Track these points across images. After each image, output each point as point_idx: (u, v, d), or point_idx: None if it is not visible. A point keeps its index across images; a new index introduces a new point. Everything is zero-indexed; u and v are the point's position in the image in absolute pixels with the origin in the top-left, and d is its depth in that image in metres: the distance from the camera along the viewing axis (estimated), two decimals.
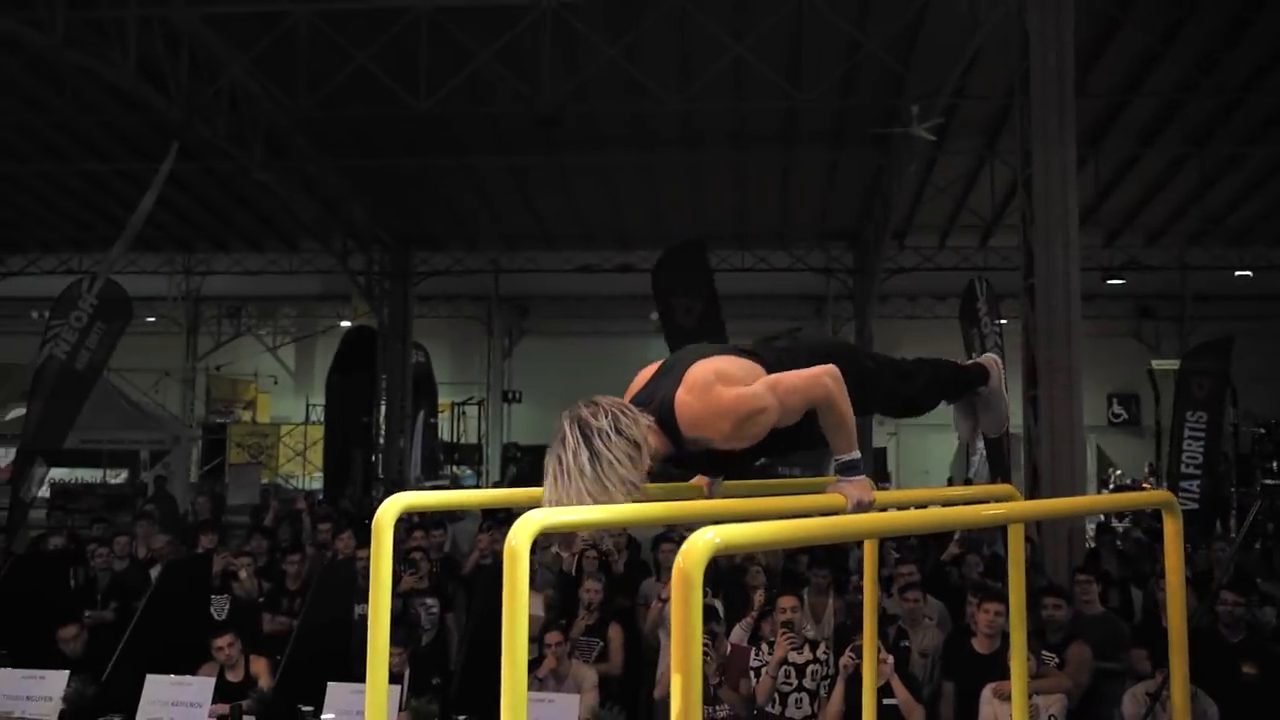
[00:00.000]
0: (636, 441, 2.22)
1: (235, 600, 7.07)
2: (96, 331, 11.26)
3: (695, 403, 2.34)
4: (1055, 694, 5.05)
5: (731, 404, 2.33)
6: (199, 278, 21.10)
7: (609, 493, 2.16)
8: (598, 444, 2.18)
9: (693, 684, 1.60)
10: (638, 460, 2.21)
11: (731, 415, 2.33)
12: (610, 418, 2.22)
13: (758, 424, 2.35)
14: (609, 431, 2.20)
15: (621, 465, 2.18)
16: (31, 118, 12.97)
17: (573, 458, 2.18)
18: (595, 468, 2.16)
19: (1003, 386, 3.05)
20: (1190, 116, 12.84)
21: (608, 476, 2.16)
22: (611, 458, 2.17)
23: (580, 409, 2.25)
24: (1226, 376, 13.11)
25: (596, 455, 2.17)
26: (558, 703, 5.40)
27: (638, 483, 2.20)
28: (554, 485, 2.20)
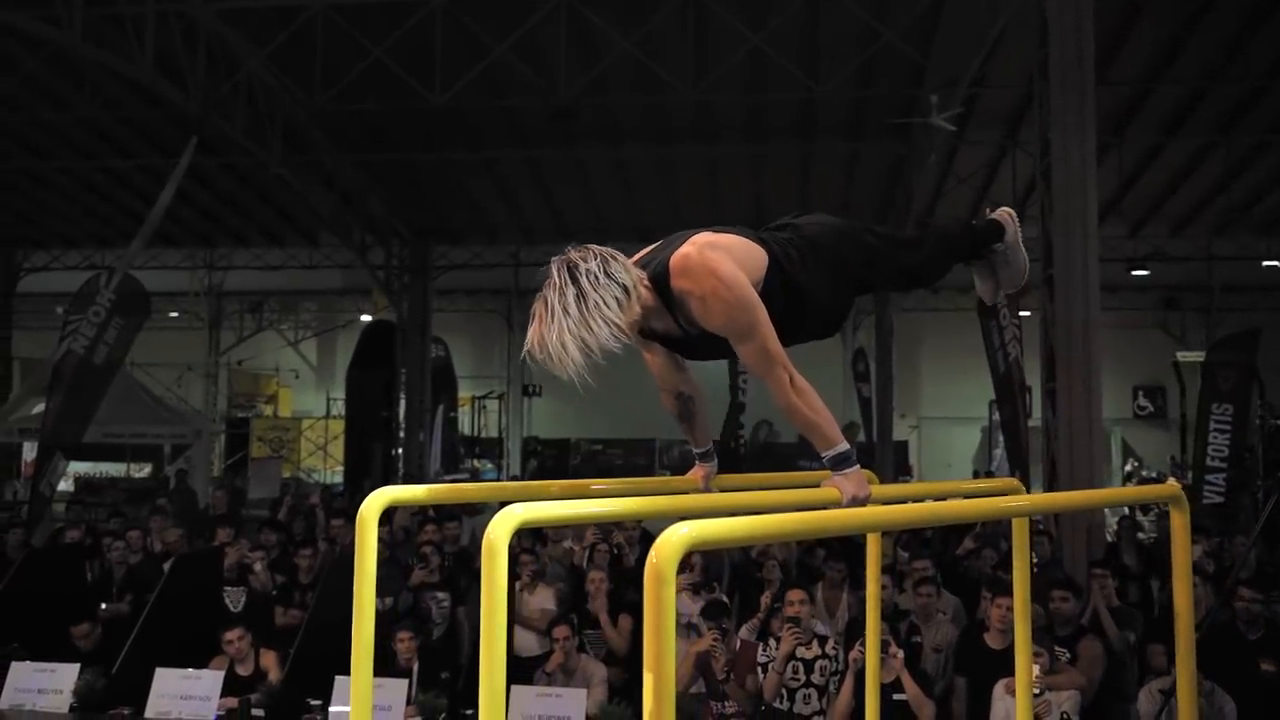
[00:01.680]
0: (625, 286, 2.20)
1: (251, 593, 7.10)
2: (115, 326, 11.33)
3: (693, 254, 2.31)
4: (1068, 690, 4.97)
5: (726, 272, 2.29)
6: (220, 273, 21.25)
7: (594, 334, 2.13)
8: (585, 284, 2.15)
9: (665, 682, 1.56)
10: (625, 305, 2.18)
11: (718, 278, 2.27)
12: (599, 261, 2.20)
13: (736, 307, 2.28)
14: (597, 273, 2.17)
15: (608, 307, 2.14)
16: (52, 114, 13.07)
17: (558, 297, 2.14)
18: (581, 307, 2.13)
19: (1019, 239, 2.92)
20: (1215, 104, 12.63)
21: (593, 316, 2.13)
22: (598, 299, 2.14)
23: (570, 252, 2.21)
24: (1253, 368, 12.90)
25: (583, 295, 2.14)
26: (565, 697, 5.37)
27: (625, 327, 2.17)
28: (538, 325, 2.16)
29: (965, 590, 6.83)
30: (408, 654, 5.78)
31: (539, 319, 2.17)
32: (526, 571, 6.82)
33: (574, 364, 2.15)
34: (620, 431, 21.48)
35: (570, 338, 2.13)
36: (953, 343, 19.86)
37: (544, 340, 2.15)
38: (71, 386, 11.12)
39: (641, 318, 2.29)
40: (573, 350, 2.13)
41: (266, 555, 7.49)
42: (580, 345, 2.13)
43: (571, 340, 2.13)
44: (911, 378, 21.47)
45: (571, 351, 2.14)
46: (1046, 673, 4.92)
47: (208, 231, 18.73)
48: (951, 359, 20.56)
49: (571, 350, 2.13)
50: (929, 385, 22.01)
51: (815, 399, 2.34)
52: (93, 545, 8.38)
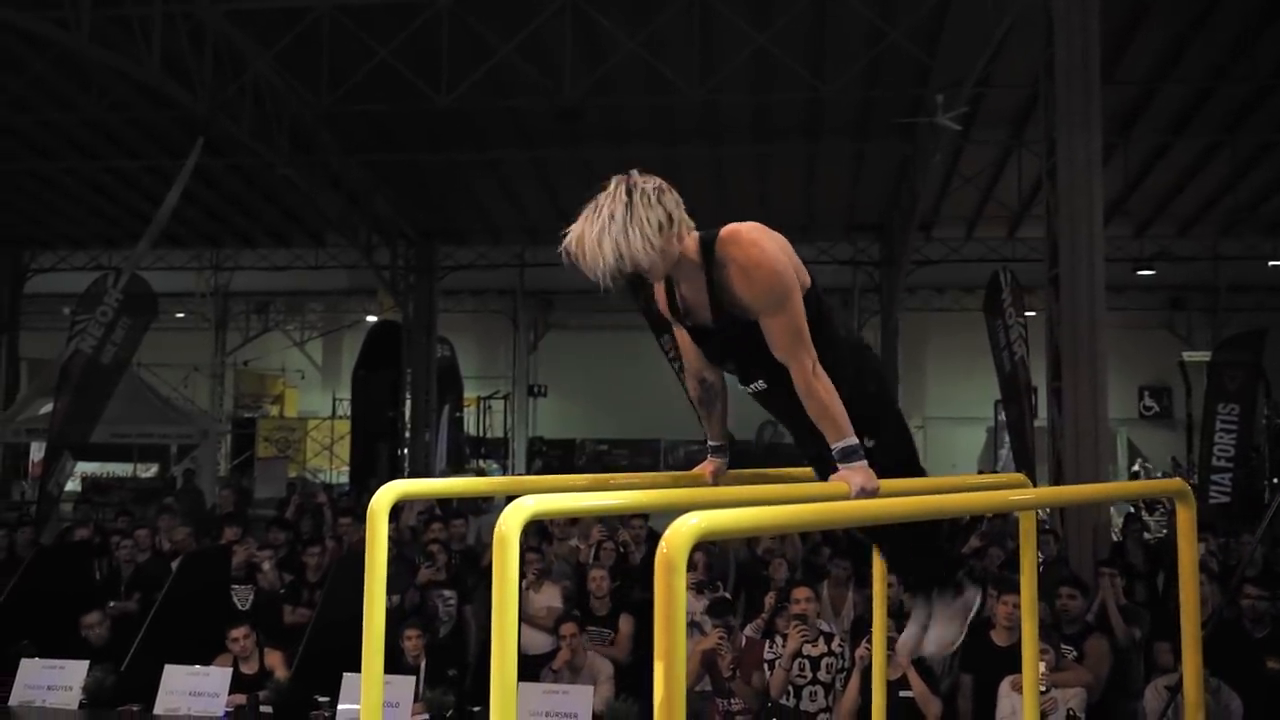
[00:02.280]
0: (671, 216, 2.30)
1: (259, 591, 7.12)
2: (122, 326, 11.37)
3: (744, 228, 2.41)
4: (1074, 687, 4.98)
5: (771, 249, 2.38)
6: (227, 273, 21.30)
7: (629, 244, 2.22)
8: (636, 198, 2.26)
9: (675, 671, 1.57)
10: (666, 232, 2.28)
11: (763, 250, 2.37)
12: (655, 186, 2.31)
13: (772, 284, 2.35)
14: (650, 194, 2.28)
15: (649, 225, 2.25)
16: (59, 115, 13.11)
17: (609, 203, 2.26)
18: (626, 216, 2.24)
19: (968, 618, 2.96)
20: (1221, 104, 12.62)
21: (634, 227, 2.23)
22: (644, 216, 2.25)
23: (633, 174, 2.33)
24: (1259, 368, 12.91)
25: (632, 207, 2.25)
26: (572, 694, 5.39)
27: (659, 252, 2.26)
28: (581, 223, 2.28)
29: None
30: (415, 651, 5.80)
31: (584, 219, 2.28)
32: (533, 570, 6.83)
33: (604, 265, 2.24)
34: (625, 432, 21.52)
35: (608, 239, 2.22)
36: (958, 342, 19.87)
37: (583, 237, 2.26)
38: (79, 387, 11.17)
39: (674, 270, 2.38)
40: (607, 252, 2.23)
41: (275, 554, 7.51)
42: (614, 250, 2.22)
43: (609, 242, 2.22)
44: (917, 378, 21.46)
45: (606, 252, 2.23)
46: (1052, 670, 4.93)
47: (214, 232, 18.77)
48: (957, 359, 20.56)
49: (606, 251, 2.23)
50: (934, 385, 22.00)
51: (832, 389, 2.38)
52: (101, 544, 8.41)
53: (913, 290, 19.74)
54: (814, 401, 2.37)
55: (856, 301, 20.98)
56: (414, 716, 5.44)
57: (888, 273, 17.56)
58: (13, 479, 18.50)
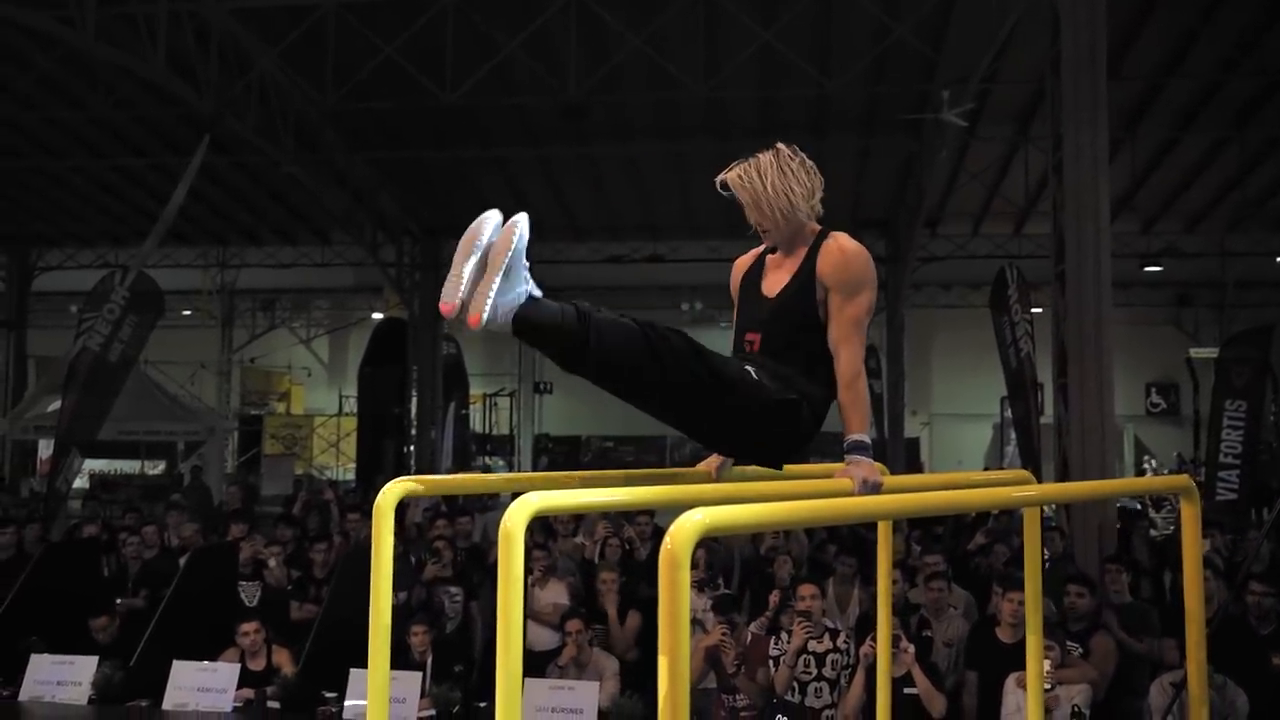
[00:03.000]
0: (814, 191, 2.65)
1: (266, 587, 7.15)
2: (129, 324, 11.41)
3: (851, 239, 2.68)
4: (1079, 684, 4.98)
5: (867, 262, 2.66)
6: (233, 271, 21.34)
7: (779, 188, 2.60)
8: (796, 162, 2.63)
9: (679, 667, 1.58)
10: (808, 198, 2.63)
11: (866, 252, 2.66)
12: (814, 165, 2.68)
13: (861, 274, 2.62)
14: (812, 167, 2.66)
15: (801, 184, 2.61)
16: (66, 113, 13.15)
17: (774, 155, 2.63)
18: (782, 167, 2.62)
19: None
20: (1229, 98, 12.57)
21: (787, 177, 2.61)
22: (799, 172, 2.62)
23: (787, 144, 2.68)
24: (1267, 364, 12.86)
25: (791, 165, 2.62)
26: (578, 690, 5.40)
27: (794, 209, 2.60)
28: (744, 165, 2.65)
29: (976, 586, 6.83)
30: (421, 647, 5.82)
31: (746, 163, 2.65)
32: (539, 566, 6.85)
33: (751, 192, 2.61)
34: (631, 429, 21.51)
35: (761, 182, 2.60)
36: (964, 339, 19.85)
37: (738, 171, 2.64)
38: (87, 384, 11.21)
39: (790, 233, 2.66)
40: (772, 186, 2.59)
41: (282, 550, 7.54)
42: (771, 187, 2.59)
43: (772, 183, 2.59)
44: (923, 374, 21.45)
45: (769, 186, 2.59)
46: (1058, 667, 4.92)
47: (220, 230, 18.81)
48: (963, 355, 20.54)
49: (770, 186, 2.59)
50: (940, 382, 21.97)
51: (866, 387, 2.61)
52: (109, 541, 8.44)
53: (919, 287, 19.72)
54: (851, 391, 2.55)
55: None
56: (420, 712, 5.46)
57: (893, 269, 17.53)
58: (21, 476, 18.57)
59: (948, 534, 9.38)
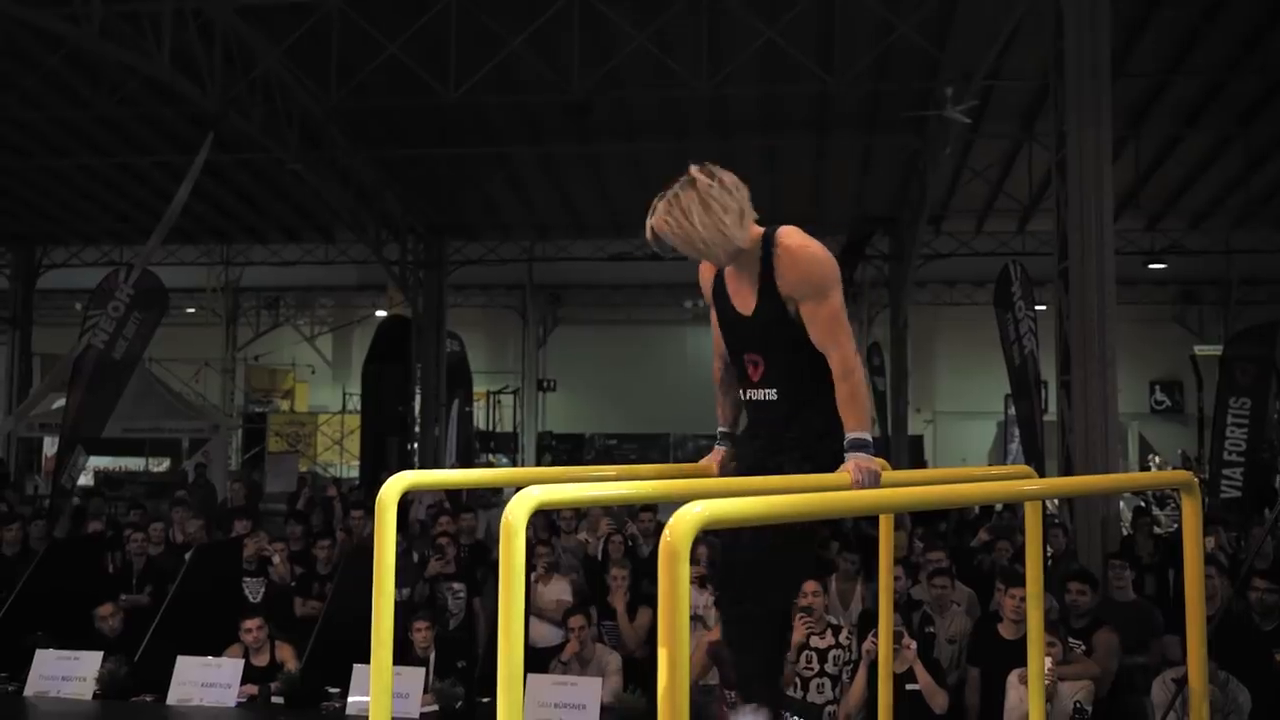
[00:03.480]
0: (743, 209, 2.53)
1: (270, 584, 7.17)
2: (134, 321, 11.44)
3: (796, 230, 2.63)
4: (1082, 681, 4.98)
5: (822, 246, 2.60)
6: (237, 269, 21.36)
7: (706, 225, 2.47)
8: (716, 187, 2.50)
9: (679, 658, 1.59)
10: (739, 224, 2.51)
11: (816, 244, 2.59)
12: (734, 181, 2.55)
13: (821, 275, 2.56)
14: (731, 188, 2.53)
15: (727, 212, 2.49)
16: (70, 111, 13.17)
17: (692, 190, 2.50)
18: (706, 201, 2.48)
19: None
20: (1234, 96, 12.54)
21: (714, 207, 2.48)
22: (724, 203, 2.49)
23: (707, 164, 2.57)
24: (1272, 362, 12.86)
25: (712, 195, 2.49)
26: (581, 685, 5.42)
27: (729, 240, 2.49)
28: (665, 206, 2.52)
29: (979, 582, 6.84)
30: (424, 643, 5.83)
31: (667, 202, 2.52)
32: (542, 563, 6.87)
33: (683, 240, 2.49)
34: (634, 427, 21.55)
35: (698, 218, 2.47)
36: (968, 336, 19.83)
37: (664, 219, 2.51)
38: (91, 382, 11.24)
39: (733, 256, 2.57)
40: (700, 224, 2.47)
41: (287, 547, 7.56)
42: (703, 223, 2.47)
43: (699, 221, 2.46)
44: (927, 372, 21.43)
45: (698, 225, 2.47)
46: (1059, 663, 4.93)
47: (224, 228, 18.84)
48: (967, 353, 20.52)
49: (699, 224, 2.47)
50: (944, 379, 21.96)
51: (864, 382, 2.59)
52: (114, 537, 8.47)
53: (922, 284, 19.70)
54: (847, 386, 2.53)
55: (866, 295, 20.94)
56: (423, 707, 5.48)
57: (897, 267, 17.52)
58: (26, 473, 18.62)
59: (951, 531, 9.39)
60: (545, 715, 5.27)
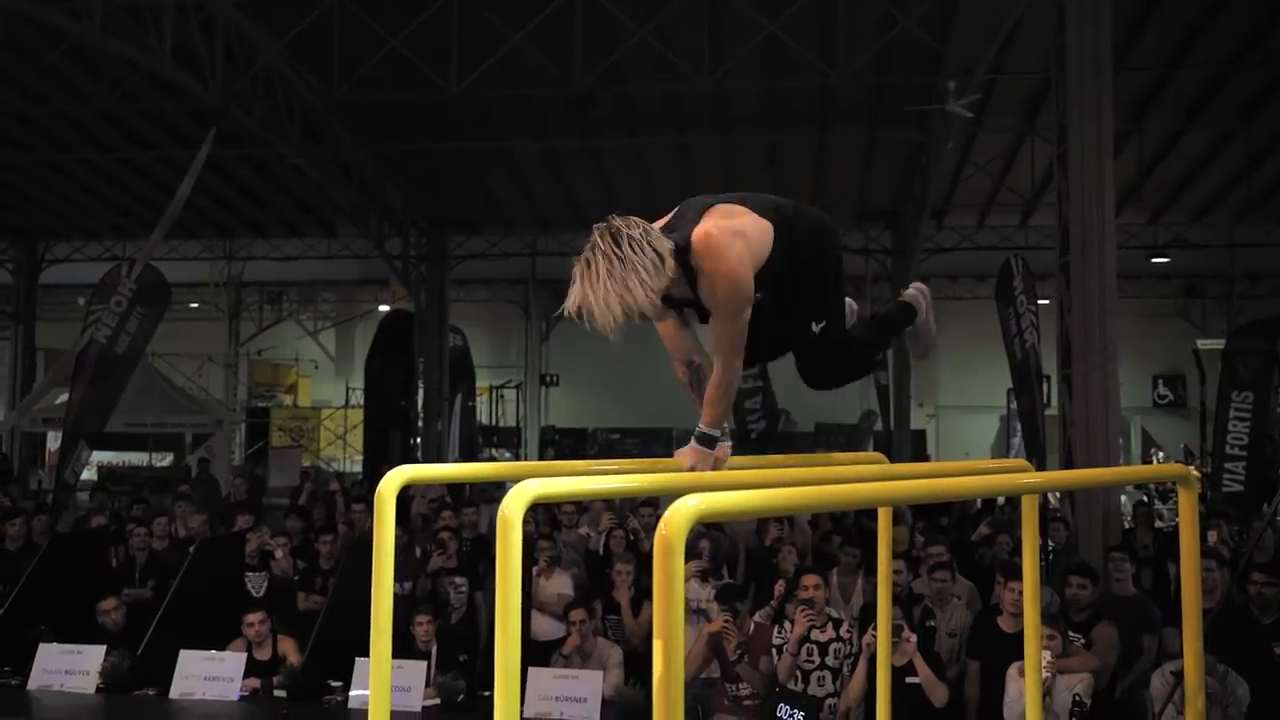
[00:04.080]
0: (661, 255, 2.38)
1: (273, 578, 7.20)
2: (136, 316, 11.45)
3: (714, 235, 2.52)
4: (1081, 674, 4.99)
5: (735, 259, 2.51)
6: (240, 263, 21.39)
7: (633, 294, 2.31)
8: (626, 249, 2.34)
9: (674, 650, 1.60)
10: (659, 271, 2.36)
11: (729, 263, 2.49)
12: (641, 230, 2.40)
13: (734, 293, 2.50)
14: (639, 240, 2.37)
15: (646, 272, 2.33)
16: (73, 106, 13.18)
17: (602, 258, 2.34)
18: (623, 270, 2.32)
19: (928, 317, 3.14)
20: (1236, 90, 12.52)
21: (631, 278, 2.32)
22: (637, 263, 2.33)
23: (613, 220, 2.41)
24: (1274, 356, 12.84)
25: (624, 259, 2.33)
26: (582, 679, 5.44)
27: (658, 292, 2.36)
28: (580, 283, 2.35)
29: (980, 576, 6.85)
30: (426, 637, 5.85)
31: (581, 278, 2.36)
32: (544, 557, 6.89)
33: (615, 321, 2.33)
34: (637, 421, 21.54)
35: (614, 297, 2.31)
36: (971, 331, 19.79)
37: (587, 298, 2.33)
38: (94, 376, 11.26)
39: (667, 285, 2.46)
40: (616, 309, 2.32)
41: (289, 541, 7.58)
42: (621, 304, 2.31)
43: (615, 299, 2.31)
44: (929, 366, 21.40)
45: (615, 310, 2.32)
46: (1059, 656, 4.94)
47: (227, 222, 18.86)
48: (969, 347, 20.49)
49: (615, 309, 2.32)
50: (947, 374, 21.95)
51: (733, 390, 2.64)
52: (117, 531, 8.49)
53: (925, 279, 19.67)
54: (718, 391, 2.57)
55: (868, 290, 20.90)
56: (425, 701, 5.50)
57: (899, 261, 17.50)
58: (30, 468, 18.67)
59: (952, 525, 9.40)
60: (546, 708, 5.29)
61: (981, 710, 5.28)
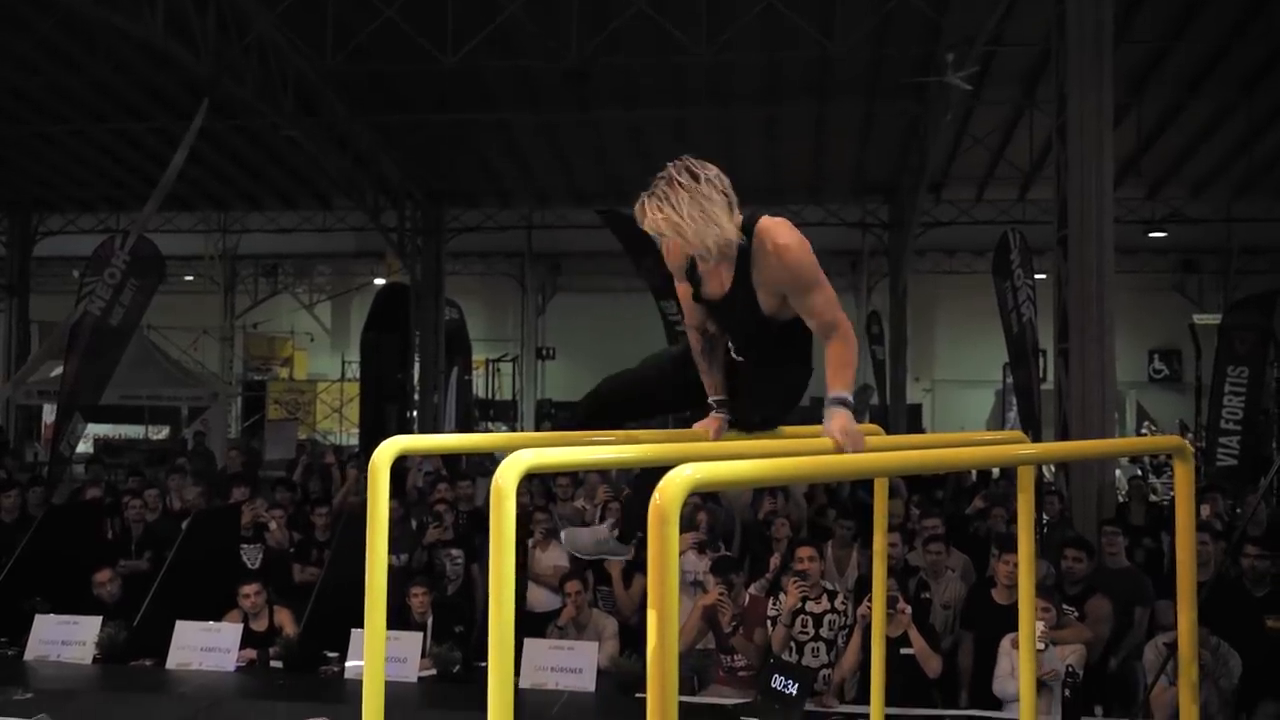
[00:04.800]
0: (732, 201, 2.47)
1: (268, 550, 7.20)
2: (130, 288, 11.41)
3: (780, 223, 2.55)
4: (1074, 645, 5.02)
5: (801, 239, 2.55)
6: (235, 236, 21.29)
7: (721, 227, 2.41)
8: (705, 186, 2.42)
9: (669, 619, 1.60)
10: (727, 213, 2.45)
11: (798, 238, 2.53)
12: (716, 172, 2.47)
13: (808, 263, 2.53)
14: (716, 180, 2.45)
15: (723, 210, 2.43)
16: (66, 77, 13.07)
17: (683, 191, 2.40)
18: (707, 203, 2.41)
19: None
20: (1237, 63, 12.44)
21: (715, 211, 2.41)
22: (718, 200, 2.43)
23: (688, 159, 2.47)
24: (1270, 331, 12.83)
25: (707, 196, 2.41)
26: (578, 649, 5.46)
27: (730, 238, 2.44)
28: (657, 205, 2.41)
29: (974, 549, 6.87)
30: (422, 609, 5.87)
31: (656, 201, 2.42)
32: (539, 529, 6.90)
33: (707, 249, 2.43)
34: None
35: (703, 226, 2.40)
36: (967, 305, 19.80)
37: (676, 223, 2.40)
38: (89, 349, 11.23)
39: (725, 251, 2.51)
40: (708, 239, 2.41)
41: (283, 513, 7.58)
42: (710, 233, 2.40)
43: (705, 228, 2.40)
44: (926, 340, 21.42)
45: (706, 239, 2.41)
46: (1053, 628, 4.96)
47: (221, 195, 18.76)
48: (966, 322, 20.50)
49: (707, 239, 2.41)
50: (943, 348, 21.97)
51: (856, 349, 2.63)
52: (112, 503, 8.50)
53: (922, 253, 19.63)
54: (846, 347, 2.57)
55: (865, 264, 20.88)
56: (421, 671, 5.52)
57: (897, 235, 17.47)
58: (26, 441, 18.66)
59: (947, 499, 9.43)
60: (542, 679, 5.31)
61: (975, 680, 5.31)
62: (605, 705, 5.16)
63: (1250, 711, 4.59)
